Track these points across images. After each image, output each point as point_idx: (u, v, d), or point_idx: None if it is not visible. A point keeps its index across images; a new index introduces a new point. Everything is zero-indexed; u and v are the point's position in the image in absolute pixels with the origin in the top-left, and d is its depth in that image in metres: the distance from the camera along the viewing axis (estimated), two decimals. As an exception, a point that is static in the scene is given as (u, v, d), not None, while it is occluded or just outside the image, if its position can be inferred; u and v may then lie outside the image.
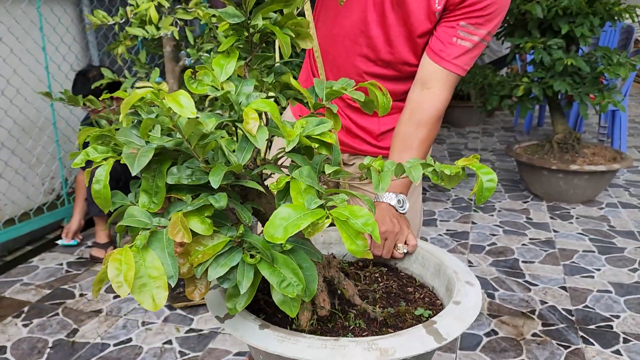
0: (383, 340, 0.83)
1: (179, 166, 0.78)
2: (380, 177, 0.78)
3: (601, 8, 3.22)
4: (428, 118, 1.26)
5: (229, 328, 0.89)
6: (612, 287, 2.41)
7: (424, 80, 1.27)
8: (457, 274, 1.04)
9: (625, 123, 4.48)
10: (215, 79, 0.80)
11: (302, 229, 0.68)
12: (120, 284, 0.69)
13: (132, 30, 1.87)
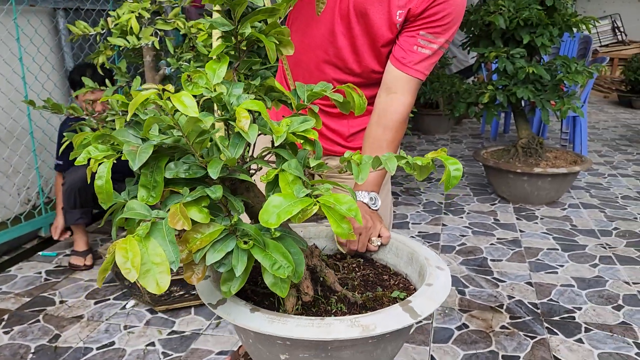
0: (364, 318, 0.91)
1: (176, 162, 0.86)
2: (359, 168, 0.87)
3: (559, 19, 3.41)
4: (394, 121, 1.36)
5: (221, 313, 0.96)
6: (574, 282, 2.55)
7: (389, 86, 1.37)
8: (428, 260, 1.13)
9: (585, 128, 4.69)
10: (208, 81, 0.88)
11: (293, 215, 0.76)
12: (128, 269, 0.76)
13: (114, 40, 1.92)
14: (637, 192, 3.95)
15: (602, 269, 2.68)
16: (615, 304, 2.34)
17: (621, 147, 5.45)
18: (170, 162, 0.86)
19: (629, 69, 8.14)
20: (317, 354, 0.96)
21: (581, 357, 1.96)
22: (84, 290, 2.49)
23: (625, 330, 2.14)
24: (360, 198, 1.32)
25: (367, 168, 0.87)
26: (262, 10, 0.91)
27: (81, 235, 2.76)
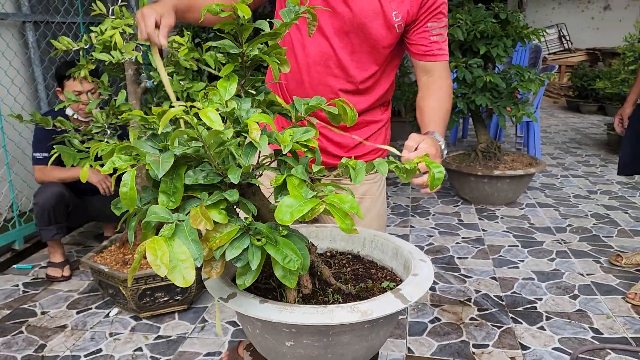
0: (362, 305, 1.03)
1: (194, 169, 0.96)
2: (356, 172, 0.99)
3: (512, 31, 3.65)
4: (446, 94, 1.54)
5: (233, 305, 1.06)
6: (534, 275, 2.74)
7: (426, 71, 1.55)
8: (412, 254, 1.26)
9: (538, 133, 4.97)
10: (221, 98, 0.98)
11: (304, 214, 0.88)
12: (158, 266, 0.85)
13: (99, 55, 1.99)
14: (587, 192, 4.23)
15: (559, 263, 2.89)
16: (572, 294, 2.54)
17: (571, 149, 5.78)
18: (189, 170, 0.96)
19: (575, 75, 8.60)
20: (319, 339, 1.07)
21: (544, 343, 2.14)
22: (64, 301, 2.52)
23: (581, 317, 2.33)
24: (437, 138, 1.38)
25: (362, 171, 0.99)
26: (265, 34, 1.03)
27: (57, 248, 2.78)
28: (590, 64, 9.97)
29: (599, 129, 6.99)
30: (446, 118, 1.53)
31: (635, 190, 4.24)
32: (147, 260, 0.88)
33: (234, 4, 0.97)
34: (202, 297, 2.52)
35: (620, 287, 2.59)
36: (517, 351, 2.08)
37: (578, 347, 2.10)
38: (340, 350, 1.10)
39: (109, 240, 2.50)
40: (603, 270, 2.80)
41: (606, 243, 3.17)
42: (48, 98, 3.21)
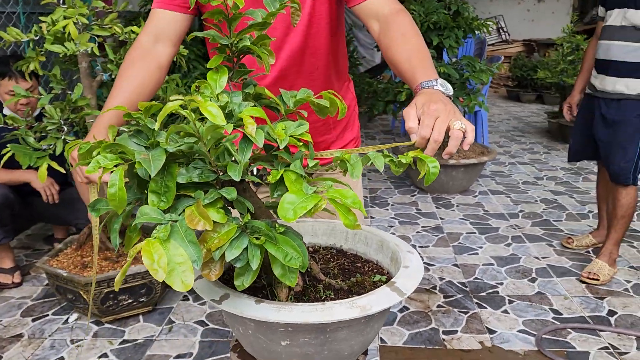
0: (360, 300, 1.02)
1: (187, 167, 0.91)
2: (352, 166, 0.98)
3: (463, 22, 3.73)
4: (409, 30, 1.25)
5: (227, 307, 1.02)
6: (494, 260, 2.83)
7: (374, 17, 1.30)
8: (399, 246, 1.26)
9: (486, 122, 5.13)
10: (213, 91, 0.94)
11: (308, 210, 0.85)
12: (156, 270, 0.80)
13: (51, 47, 1.87)
14: (534, 178, 4.40)
15: (515, 248, 3.00)
16: (530, 277, 2.64)
17: (515, 137, 6.00)
18: (182, 168, 0.91)
19: (515, 66, 8.93)
20: (316, 336, 1.05)
21: (509, 326, 2.21)
22: (17, 308, 2.38)
23: (541, 299, 2.43)
24: (430, 85, 1.13)
25: (359, 165, 0.98)
26: (255, 24, 0.99)
27: (6, 253, 2.62)
28: (527, 54, 10.37)
29: (539, 117, 7.28)
30: (425, 55, 1.20)
31: (578, 176, 4.45)
32: (144, 264, 0.83)
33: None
34: (166, 297, 2.44)
35: (574, 269, 2.72)
36: (485, 335, 2.14)
37: (541, 328, 2.18)
38: (337, 347, 1.09)
39: (64, 243, 2.37)
40: (556, 253, 2.92)
41: (557, 227, 3.31)
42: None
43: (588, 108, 2.77)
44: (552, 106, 8.18)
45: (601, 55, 2.65)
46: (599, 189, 2.95)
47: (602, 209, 2.94)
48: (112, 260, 2.21)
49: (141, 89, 1.32)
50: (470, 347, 2.06)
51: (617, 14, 2.57)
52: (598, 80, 2.66)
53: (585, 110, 2.81)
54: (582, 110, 2.86)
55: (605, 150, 2.65)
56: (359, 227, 0.90)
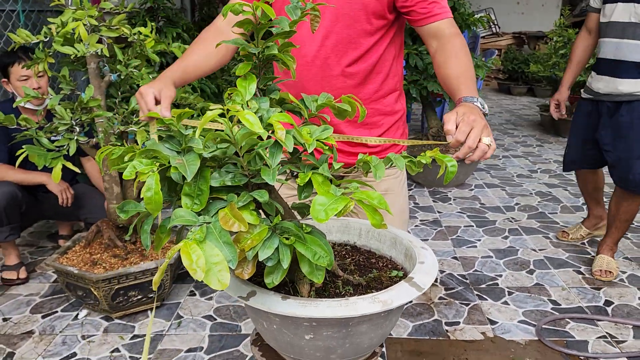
0: (382, 295, 1.07)
1: (219, 171, 0.96)
2: (375, 168, 1.02)
3: (459, 18, 3.77)
4: (460, 48, 1.41)
5: (254, 303, 1.07)
6: (492, 253, 2.90)
7: (434, 35, 1.46)
8: (412, 242, 1.31)
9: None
10: (243, 98, 0.98)
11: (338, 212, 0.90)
12: (195, 270, 0.84)
13: (61, 48, 1.90)
14: (528, 171, 4.48)
15: (512, 240, 3.07)
16: (528, 269, 2.71)
17: (508, 130, 6.08)
18: (214, 172, 0.95)
19: (506, 58, 9.01)
20: (339, 330, 1.11)
21: (509, 317, 2.28)
22: (26, 305, 2.41)
23: (539, 290, 2.50)
24: (471, 101, 1.28)
25: (382, 166, 1.03)
26: (281, 32, 1.03)
27: (12, 250, 2.64)
28: (517, 47, 10.45)
29: (530, 110, 7.37)
30: (472, 75, 1.38)
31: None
32: (183, 264, 0.87)
33: (255, 3, 0.97)
34: (173, 293, 2.48)
35: (571, 260, 2.79)
36: (487, 326, 2.21)
37: (541, 318, 2.25)
38: (358, 340, 1.14)
39: (72, 241, 2.40)
40: (553, 245, 3.00)
41: (552, 219, 3.39)
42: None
43: (588, 114, 2.57)
44: (543, 99, 8.27)
45: (608, 54, 2.40)
46: (586, 184, 2.86)
47: (590, 199, 2.92)
48: (121, 257, 2.24)
49: (206, 60, 1.52)
50: (472, 338, 2.13)
51: (624, 9, 2.34)
52: (602, 83, 2.44)
53: (585, 116, 2.61)
54: (580, 116, 2.65)
55: (618, 159, 2.45)
56: (384, 227, 0.95)
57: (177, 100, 2.16)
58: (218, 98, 3.67)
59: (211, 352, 2.05)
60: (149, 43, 2.05)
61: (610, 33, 2.40)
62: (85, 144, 1.98)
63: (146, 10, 3.47)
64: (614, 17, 2.37)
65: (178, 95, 2.13)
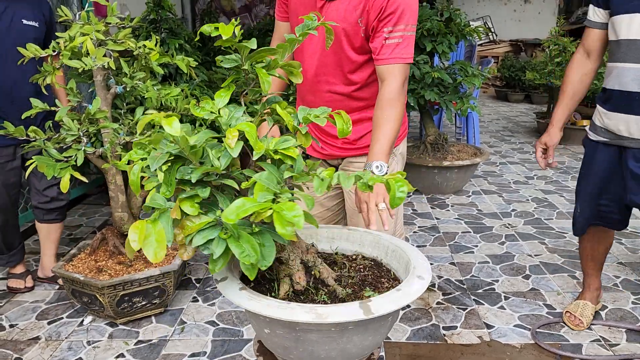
0: (321, 308, 1.09)
1: (185, 167, 1.03)
2: (321, 183, 1.07)
3: (455, 29, 3.85)
4: (386, 101, 1.63)
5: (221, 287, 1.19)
6: (489, 259, 2.96)
7: (381, 78, 1.67)
8: (415, 269, 1.29)
9: (477, 123, 5.26)
10: (214, 106, 1.06)
11: (248, 215, 0.94)
12: (135, 241, 0.95)
13: (70, 62, 1.96)
14: (525, 177, 4.55)
15: (509, 246, 3.12)
16: (524, 274, 2.76)
17: (505, 137, 6.15)
18: (181, 167, 1.03)
19: (503, 66, 9.10)
20: (289, 332, 1.17)
21: (505, 321, 2.33)
22: (32, 312, 2.46)
23: (535, 295, 2.55)
24: (368, 168, 1.58)
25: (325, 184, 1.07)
26: (264, 50, 1.10)
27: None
28: (514, 54, 10.55)
29: (527, 116, 7.45)
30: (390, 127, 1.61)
31: (567, 175, 4.60)
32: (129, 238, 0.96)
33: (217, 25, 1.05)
34: (176, 299, 2.53)
35: (566, 266, 2.85)
36: (483, 330, 2.26)
37: (535, 322, 2.30)
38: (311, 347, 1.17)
39: (77, 248, 2.46)
40: (549, 250, 3.05)
41: (548, 225, 3.45)
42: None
43: (603, 161, 1.99)
44: (540, 106, 8.35)
45: (630, 85, 1.79)
46: (598, 246, 2.23)
47: (595, 267, 2.29)
48: (126, 264, 2.30)
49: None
50: (469, 342, 2.18)
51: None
52: (623, 123, 1.85)
53: (599, 164, 2.01)
54: (593, 165, 2.03)
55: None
56: (293, 238, 1.02)
57: (180, 110, 2.23)
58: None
59: (214, 357, 2.10)
60: (154, 56, 2.11)
61: (628, 55, 1.79)
62: (92, 155, 2.04)
63: (149, 22, 3.54)
64: (627, 34, 1.77)
65: (181, 106, 2.19)
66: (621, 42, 1.80)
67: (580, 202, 2.14)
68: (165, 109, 2.24)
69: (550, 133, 2.12)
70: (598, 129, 1.99)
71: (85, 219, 3.61)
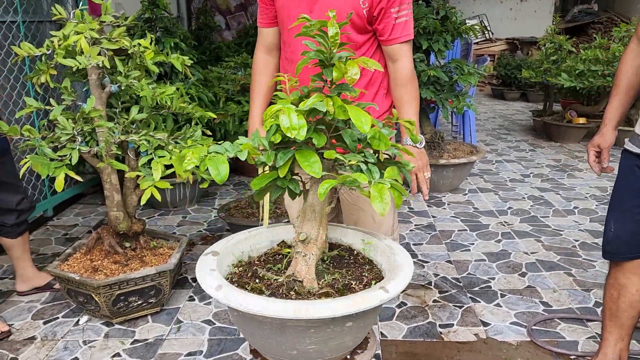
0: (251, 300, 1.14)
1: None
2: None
3: (451, 27, 3.85)
4: (405, 79, 1.77)
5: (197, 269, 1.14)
6: (485, 256, 2.96)
7: (390, 56, 1.74)
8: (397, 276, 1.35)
9: (473, 121, 5.26)
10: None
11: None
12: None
13: (64, 61, 1.95)
14: (521, 175, 4.55)
15: (505, 244, 3.13)
16: (520, 272, 2.77)
17: (502, 135, 6.16)
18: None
19: (499, 64, 9.10)
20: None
21: (502, 319, 2.33)
22: (28, 312, 2.45)
23: (531, 292, 2.56)
24: (405, 143, 1.78)
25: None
26: None
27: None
28: (510, 52, 10.56)
29: (524, 115, 7.46)
30: (415, 104, 1.79)
31: (563, 173, 4.61)
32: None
33: None
34: (172, 298, 2.53)
35: (562, 263, 2.85)
36: (480, 328, 2.26)
37: (532, 320, 2.31)
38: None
39: (72, 248, 2.45)
40: (544, 248, 3.06)
41: (544, 223, 3.45)
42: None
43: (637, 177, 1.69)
44: (535, 104, 8.36)
45: None
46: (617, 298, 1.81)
47: (609, 329, 1.86)
48: (122, 263, 2.29)
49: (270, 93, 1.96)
50: (466, 339, 2.18)
51: None
52: None
53: (631, 178, 1.72)
54: (626, 179, 1.74)
55: None
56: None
57: (175, 109, 2.22)
58: (215, 106, 3.73)
59: (210, 356, 2.09)
60: (149, 55, 2.11)
61: None
62: (87, 154, 2.03)
63: (144, 21, 3.53)
64: None
65: (176, 105, 2.19)
66: None
67: (614, 221, 1.78)
68: (160, 108, 2.24)
69: (604, 133, 1.81)
70: (636, 140, 1.68)
71: (81, 219, 3.60)
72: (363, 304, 1.18)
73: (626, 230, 1.74)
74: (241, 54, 4.52)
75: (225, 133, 3.64)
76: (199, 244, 3.20)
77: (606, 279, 1.87)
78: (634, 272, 1.76)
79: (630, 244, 1.74)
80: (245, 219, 3.10)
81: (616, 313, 1.82)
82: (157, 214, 3.69)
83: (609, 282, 1.85)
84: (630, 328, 1.83)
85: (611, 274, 1.84)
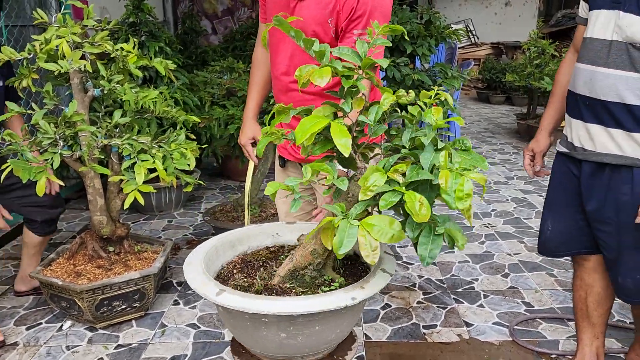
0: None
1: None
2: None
3: (435, 31, 3.89)
4: None
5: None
6: (469, 258, 2.99)
7: None
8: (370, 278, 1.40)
9: (458, 125, 5.31)
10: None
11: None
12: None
13: (46, 65, 1.95)
14: (505, 178, 4.60)
15: (489, 245, 3.16)
16: (503, 273, 2.80)
17: (486, 138, 6.22)
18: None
19: (484, 68, 9.19)
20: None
21: (484, 319, 2.36)
22: (10, 318, 2.43)
23: (513, 293, 2.59)
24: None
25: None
26: None
27: None
28: (495, 56, 10.66)
29: (508, 118, 7.54)
30: None
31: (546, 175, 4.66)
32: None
33: None
34: (157, 302, 2.52)
35: (544, 264, 2.89)
36: (463, 328, 2.28)
37: (514, 320, 2.34)
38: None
39: (56, 253, 2.43)
40: (527, 249, 3.09)
41: (527, 224, 3.49)
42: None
43: (566, 176, 1.74)
44: (520, 107, 8.44)
45: (580, 87, 1.59)
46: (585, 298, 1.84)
47: (583, 329, 1.89)
48: (105, 268, 2.28)
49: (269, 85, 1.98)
50: (449, 340, 2.20)
51: (606, 19, 1.51)
52: (573, 131, 1.64)
53: (561, 178, 1.78)
54: (557, 178, 1.80)
55: (607, 249, 1.65)
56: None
57: (158, 113, 2.23)
58: (200, 110, 3.73)
59: (195, 359, 2.09)
60: (131, 59, 2.11)
61: (584, 54, 1.59)
62: (69, 158, 2.03)
63: (129, 25, 3.53)
64: (591, 32, 1.57)
65: (160, 109, 2.19)
66: (585, 40, 1.61)
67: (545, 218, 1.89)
68: (143, 112, 2.24)
69: (539, 139, 1.89)
70: (563, 141, 1.74)
71: (65, 224, 3.58)
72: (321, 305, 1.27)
73: (563, 227, 1.80)
74: (227, 58, 4.53)
75: (210, 137, 3.64)
76: (185, 248, 3.20)
77: (572, 280, 1.91)
78: (596, 269, 1.80)
79: (568, 241, 1.80)
80: (231, 222, 3.11)
81: (587, 313, 1.85)
82: (142, 219, 3.68)
83: (576, 283, 1.88)
84: (602, 326, 1.86)
85: (577, 275, 1.88)
